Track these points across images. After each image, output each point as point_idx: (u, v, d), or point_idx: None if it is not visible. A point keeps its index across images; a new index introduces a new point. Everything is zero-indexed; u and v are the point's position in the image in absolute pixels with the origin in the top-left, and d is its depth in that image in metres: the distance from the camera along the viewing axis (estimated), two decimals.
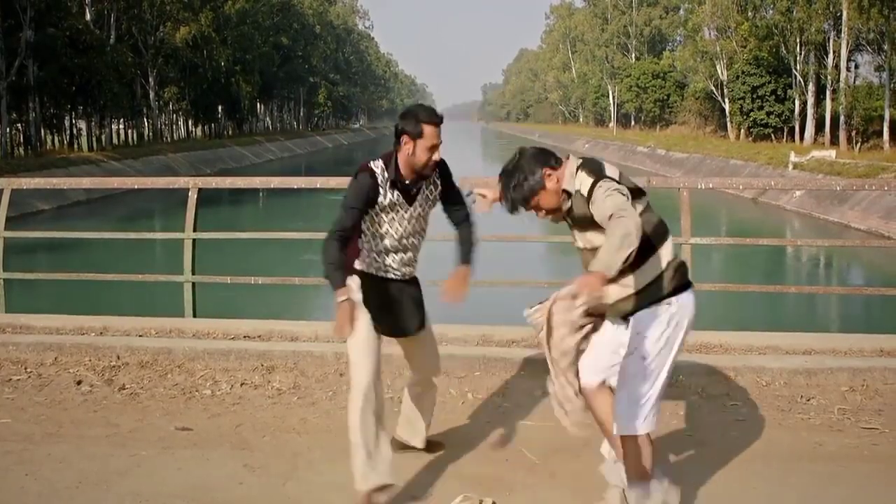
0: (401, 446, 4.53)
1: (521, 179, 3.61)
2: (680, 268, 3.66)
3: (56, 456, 4.67)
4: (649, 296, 3.58)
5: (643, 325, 3.59)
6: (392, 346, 4.39)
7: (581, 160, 3.64)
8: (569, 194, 3.58)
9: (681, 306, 3.62)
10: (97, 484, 4.32)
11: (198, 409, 5.45)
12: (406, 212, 4.07)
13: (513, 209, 3.69)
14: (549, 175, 3.60)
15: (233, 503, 4.13)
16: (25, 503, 4.13)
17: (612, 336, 3.70)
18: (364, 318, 4.05)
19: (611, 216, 3.29)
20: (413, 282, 4.26)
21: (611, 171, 3.57)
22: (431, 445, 4.63)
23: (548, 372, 3.77)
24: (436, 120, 3.95)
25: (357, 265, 4.12)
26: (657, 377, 3.59)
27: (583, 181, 3.51)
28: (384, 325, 4.14)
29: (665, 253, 3.62)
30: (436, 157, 3.98)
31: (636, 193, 3.54)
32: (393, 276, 4.15)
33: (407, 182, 4.02)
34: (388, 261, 4.12)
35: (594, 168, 3.56)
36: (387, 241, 4.08)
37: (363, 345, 4.04)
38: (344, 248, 3.96)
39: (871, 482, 4.31)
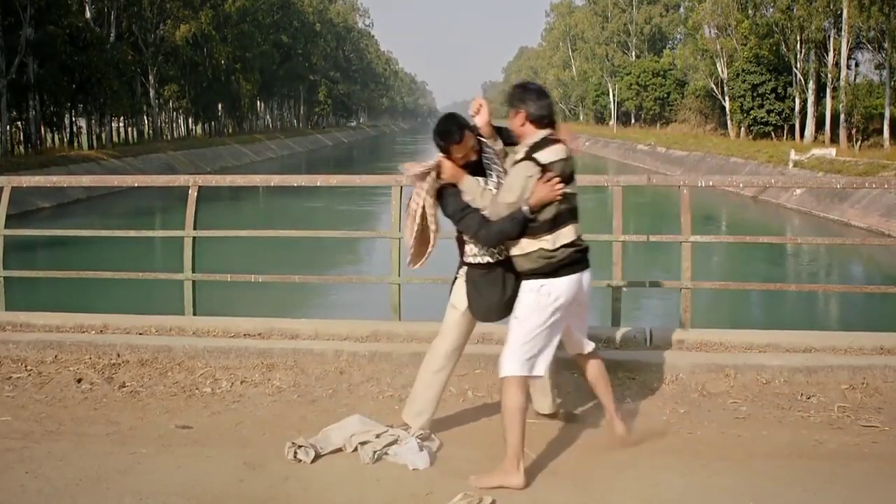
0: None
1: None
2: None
3: (56, 454, 4.67)
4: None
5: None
6: (390, 345, 4.38)
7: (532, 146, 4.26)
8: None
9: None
10: (97, 482, 4.32)
11: (198, 407, 5.45)
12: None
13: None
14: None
15: (233, 501, 4.12)
16: (25, 501, 4.13)
17: None
18: (465, 302, 4.56)
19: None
20: (507, 264, 4.49)
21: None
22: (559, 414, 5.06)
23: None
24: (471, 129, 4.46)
25: (465, 258, 4.58)
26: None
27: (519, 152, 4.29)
28: (480, 309, 4.59)
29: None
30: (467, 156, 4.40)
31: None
32: (495, 260, 4.50)
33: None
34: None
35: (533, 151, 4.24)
36: None
37: (457, 321, 4.62)
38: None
39: (872, 480, 4.31)
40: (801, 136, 48.49)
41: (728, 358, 5.78)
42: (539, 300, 4.31)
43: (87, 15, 48.00)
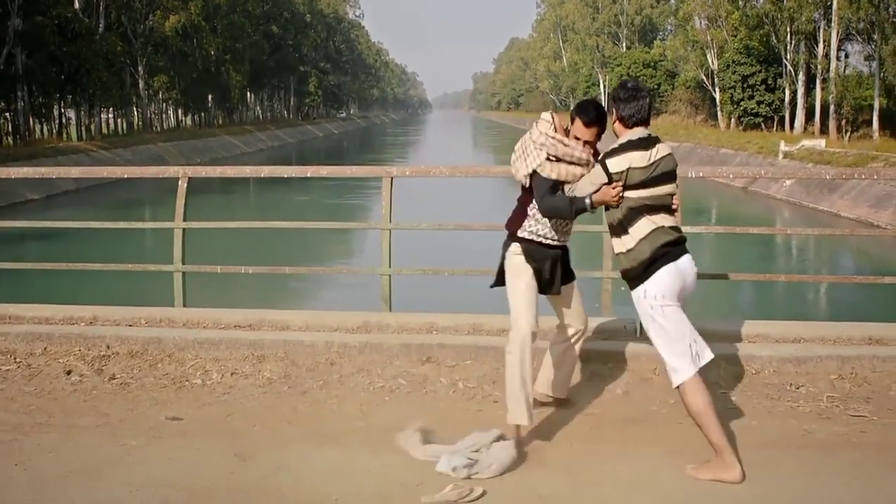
0: (539, 403, 4.96)
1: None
2: None
3: (45, 446, 4.66)
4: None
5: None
6: (381, 336, 4.37)
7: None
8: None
9: None
10: (87, 473, 4.31)
11: (188, 398, 5.45)
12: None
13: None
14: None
15: (223, 492, 4.12)
16: (15, 493, 4.12)
17: None
18: (527, 276, 4.64)
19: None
20: (564, 249, 4.79)
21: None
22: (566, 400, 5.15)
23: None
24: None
25: (520, 233, 4.71)
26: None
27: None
28: (541, 284, 4.70)
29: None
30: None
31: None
32: (551, 243, 4.69)
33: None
34: (546, 230, 4.68)
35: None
36: None
37: (526, 298, 4.61)
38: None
39: (860, 469, 4.33)
40: (791, 127, 48.62)
41: (717, 348, 5.76)
42: (657, 296, 4.32)
43: (76, 5, 47.70)
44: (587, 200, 4.43)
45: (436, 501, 3.96)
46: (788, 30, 47.11)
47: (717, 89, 56.99)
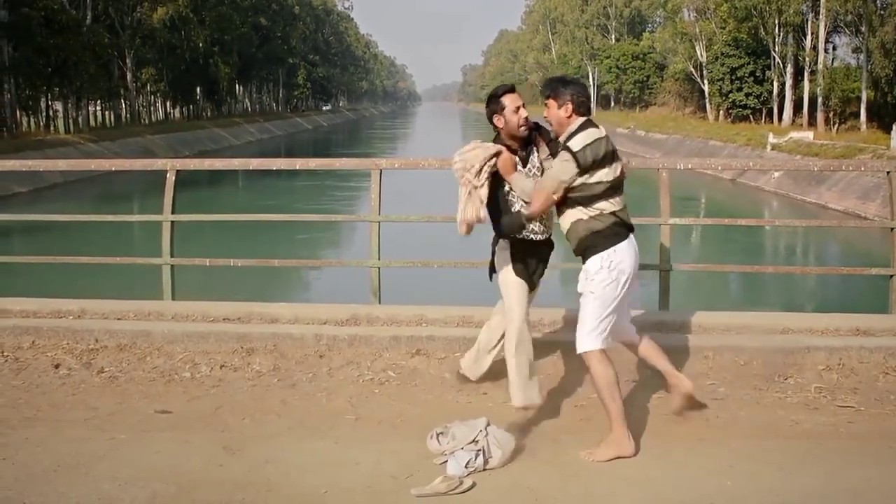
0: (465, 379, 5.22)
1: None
2: None
3: (33, 440, 4.65)
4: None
5: None
6: (370, 329, 4.37)
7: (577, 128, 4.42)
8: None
9: None
10: (75, 467, 4.30)
11: (177, 391, 5.43)
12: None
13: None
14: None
15: (212, 485, 4.12)
16: (2, 487, 4.10)
17: None
18: (518, 269, 4.70)
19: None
20: (550, 245, 4.83)
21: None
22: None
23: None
24: (508, 88, 4.76)
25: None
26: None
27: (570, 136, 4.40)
28: (525, 273, 4.74)
29: None
30: (523, 114, 4.63)
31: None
32: (539, 238, 4.71)
33: (517, 150, 4.65)
34: (534, 225, 4.66)
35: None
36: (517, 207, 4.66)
37: (519, 290, 4.68)
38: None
39: (847, 460, 4.36)
40: (780, 119, 48.79)
41: (706, 339, 5.81)
42: (610, 272, 4.43)
43: None
44: (524, 213, 4.56)
45: (426, 493, 3.97)
46: (777, 22, 47.24)
47: (705, 81, 57.13)
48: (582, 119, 4.45)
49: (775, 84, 49.94)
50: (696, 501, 3.94)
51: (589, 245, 4.43)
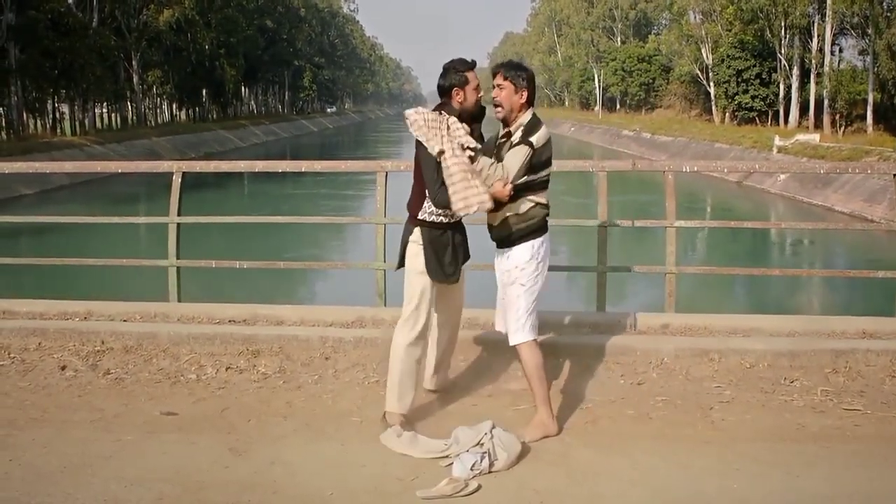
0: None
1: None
2: None
3: (40, 441, 4.65)
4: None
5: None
6: (375, 331, 4.37)
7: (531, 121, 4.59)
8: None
9: None
10: (81, 468, 4.31)
11: (183, 393, 5.44)
12: None
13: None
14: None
15: (218, 487, 4.12)
16: (9, 488, 4.11)
17: None
18: (427, 269, 4.65)
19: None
20: (462, 229, 4.80)
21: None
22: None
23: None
24: (471, 65, 4.62)
25: (421, 215, 4.72)
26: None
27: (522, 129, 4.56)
28: (443, 271, 4.70)
29: None
30: (481, 94, 4.65)
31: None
32: (451, 221, 4.67)
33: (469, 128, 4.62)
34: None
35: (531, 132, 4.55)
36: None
37: (425, 293, 4.69)
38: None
39: (854, 463, 4.35)
40: (786, 121, 48.71)
41: (712, 342, 5.80)
42: (538, 264, 4.67)
43: (70, 0, 47.51)
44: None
45: (431, 495, 3.97)
46: (783, 24, 47.17)
47: (711, 84, 57.06)
48: (531, 110, 4.65)
49: (781, 86, 49.84)
50: None
51: (521, 235, 4.64)
